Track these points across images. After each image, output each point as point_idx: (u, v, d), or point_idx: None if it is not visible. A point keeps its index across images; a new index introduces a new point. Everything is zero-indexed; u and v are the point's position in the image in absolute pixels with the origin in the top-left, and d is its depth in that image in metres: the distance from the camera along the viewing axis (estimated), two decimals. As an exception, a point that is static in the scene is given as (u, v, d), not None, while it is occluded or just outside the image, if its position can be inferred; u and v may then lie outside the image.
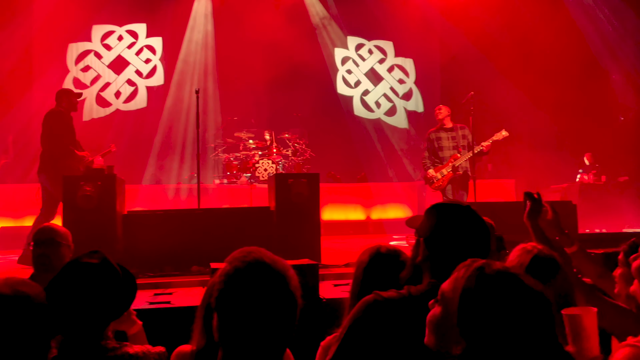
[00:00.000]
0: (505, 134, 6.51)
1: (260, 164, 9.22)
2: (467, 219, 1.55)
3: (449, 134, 6.68)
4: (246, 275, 1.26)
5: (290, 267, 1.34)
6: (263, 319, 1.24)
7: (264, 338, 1.25)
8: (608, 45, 11.00)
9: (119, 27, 11.51)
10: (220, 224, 5.06)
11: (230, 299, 1.25)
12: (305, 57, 11.28)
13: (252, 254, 1.31)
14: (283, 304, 1.27)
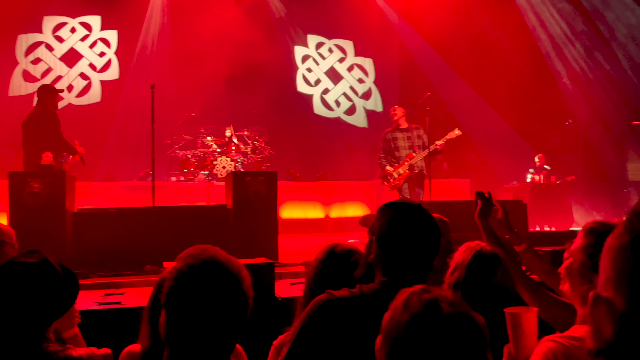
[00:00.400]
0: (458, 132, 6.65)
1: (219, 162, 9.11)
2: (418, 218, 1.56)
3: (404, 134, 6.78)
4: (199, 273, 1.24)
5: (243, 267, 1.33)
6: (213, 318, 1.22)
7: (212, 337, 1.23)
8: (557, 48, 11.39)
9: (71, 19, 11.14)
10: (175, 222, 4.96)
11: (182, 296, 1.23)
12: (266, 54, 11.20)
13: (207, 251, 1.29)
14: (234, 304, 1.25)
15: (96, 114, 10.84)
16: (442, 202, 6.57)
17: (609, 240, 0.61)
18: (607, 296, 0.59)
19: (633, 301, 0.55)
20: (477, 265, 1.96)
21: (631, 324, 0.55)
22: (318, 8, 12.29)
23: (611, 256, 0.60)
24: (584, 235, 1.52)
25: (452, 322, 1.00)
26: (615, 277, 0.58)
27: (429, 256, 1.57)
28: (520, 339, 1.57)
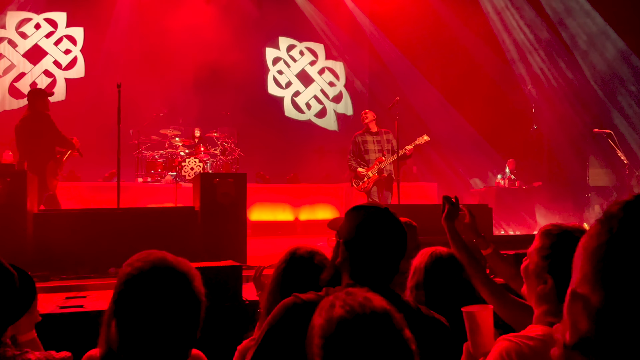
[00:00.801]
0: (426, 138, 6.78)
1: (187, 163, 8.99)
2: (386, 222, 1.57)
3: (374, 138, 6.86)
4: (149, 277, 1.22)
5: (193, 267, 1.31)
6: (165, 321, 1.20)
7: (166, 341, 1.21)
8: (522, 55, 11.67)
9: (36, 15, 10.85)
10: (142, 224, 4.87)
11: (134, 302, 1.20)
12: (236, 55, 11.14)
13: (154, 254, 1.27)
14: (186, 306, 1.24)
15: (60, 112, 10.55)
16: (410, 205, 6.65)
17: (585, 240, 0.64)
18: (583, 293, 0.62)
19: (608, 298, 0.59)
20: (435, 267, 2.00)
21: (606, 320, 0.59)
22: (290, 11, 12.29)
23: (587, 255, 0.63)
24: (540, 238, 1.57)
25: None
26: (592, 275, 0.61)
27: (395, 259, 1.58)
28: (477, 336, 1.62)
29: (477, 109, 10.93)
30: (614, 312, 0.58)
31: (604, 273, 0.60)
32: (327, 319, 1.04)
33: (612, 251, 0.59)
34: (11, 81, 10.61)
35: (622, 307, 0.57)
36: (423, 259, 2.03)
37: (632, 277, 0.57)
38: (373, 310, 1.04)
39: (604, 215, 0.63)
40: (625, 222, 0.60)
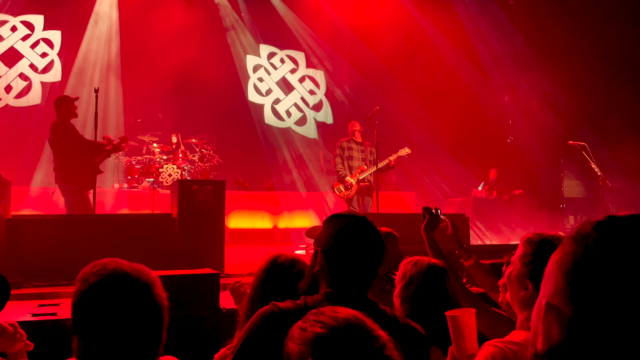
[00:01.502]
0: (408, 151, 6.96)
1: (165, 169, 8.90)
2: (364, 230, 1.58)
3: (359, 147, 7.06)
4: (106, 289, 1.19)
5: (152, 273, 1.29)
6: (129, 330, 1.18)
7: (132, 349, 1.19)
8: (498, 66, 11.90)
9: (12, 17, 10.66)
10: (117, 230, 4.80)
11: (93, 315, 1.18)
12: (216, 61, 11.11)
13: (109, 265, 1.24)
14: (148, 312, 1.22)
15: (36, 116, 10.38)
16: (389, 214, 6.69)
17: (558, 254, 0.68)
18: (557, 304, 0.65)
19: (579, 309, 0.63)
20: (431, 277, 2.02)
21: (577, 330, 0.63)
22: (271, 18, 12.33)
23: (561, 271, 0.67)
24: (522, 245, 1.62)
25: None
26: (564, 288, 0.65)
27: (373, 267, 1.60)
28: (460, 339, 1.65)
29: (455, 118, 11.08)
30: (584, 323, 0.62)
31: (577, 288, 0.64)
32: (302, 342, 1.04)
33: (586, 268, 0.64)
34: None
35: (592, 318, 0.62)
36: (419, 269, 2.04)
37: (602, 292, 0.61)
38: (345, 319, 1.04)
39: (577, 234, 0.68)
40: (599, 243, 0.64)
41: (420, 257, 2.12)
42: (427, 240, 2.50)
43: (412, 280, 2.02)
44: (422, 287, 2.00)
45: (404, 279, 2.05)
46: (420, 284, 2.00)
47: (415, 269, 2.05)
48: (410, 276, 2.03)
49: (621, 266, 0.60)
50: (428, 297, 1.98)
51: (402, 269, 2.09)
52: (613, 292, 0.60)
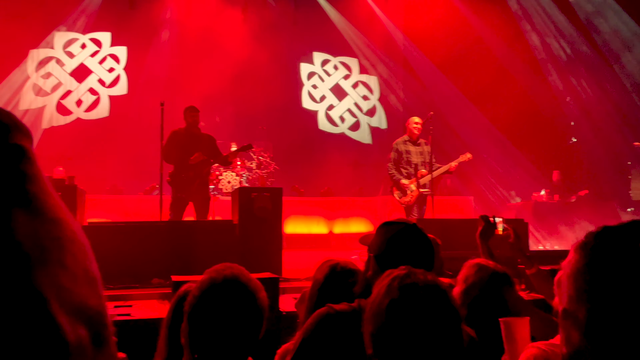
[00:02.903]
0: (469, 156, 6.62)
1: (224, 177, 9.23)
2: (413, 237, 1.66)
3: (417, 149, 6.64)
4: (221, 288, 1.35)
5: (261, 287, 1.44)
6: (231, 330, 1.33)
7: (229, 347, 1.34)
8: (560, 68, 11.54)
9: (82, 35, 11.37)
10: (183, 236, 5.06)
11: (203, 308, 1.34)
12: (271, 70, 11.40)
13: (230, 269, 1.40)
14: (251, 320, 1.37)
15: (104, 129, 11.02)
16: (444, 220, 6.60)
17: (567, 265, 0.74)
18: (572, 310, 0.71)
19: (592, 314, 0.68)
20: (494, 283, 2.01)
21: (593, 333, 0.68)
22: (324, 26, 12.51)
23: (571, 278, 0.73)
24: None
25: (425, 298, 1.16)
26: (576, 295, 0.71)
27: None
28: (513, 346, 1.67)
29: (512, 120, 10.84)
30: (598, 325, 0.68)
31: (586, 293, 0.69)
32: (389, 284, 1.18)
33: (590, 274, 0.70)
34: (58, 99, 11.13)
35: (604, 320, 0.67)
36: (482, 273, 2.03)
37: (609, 294, 0.67)
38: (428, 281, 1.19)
39: (579, 245, 0.73)
40: (597, 250, 0.70)
41: (485, 262, 2.11)
42: (481, 247, 2.53)
43: (475, 285, 2.01)
44: (484, 293, 1.99)
45: (466, 282, 2.04)
46: (482, 290, 1.99)
47: (479, 273, 2.03)
48: (473, 281, 2.02)
49: (619, 268, 0.66)
50: (488, 303, 1.96)
51: (465, 272, 2.08)
52: (616, 293, 0.65)
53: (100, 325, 0.38)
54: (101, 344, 0.37)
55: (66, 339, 0.34)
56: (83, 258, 0.39)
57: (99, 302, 0.39)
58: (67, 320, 0.35)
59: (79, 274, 0.38)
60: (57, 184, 4.96)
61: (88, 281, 0.38)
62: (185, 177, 6.04)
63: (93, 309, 0.37)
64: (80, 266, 0.38)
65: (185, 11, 11.72)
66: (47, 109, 10.98)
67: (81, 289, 0.37)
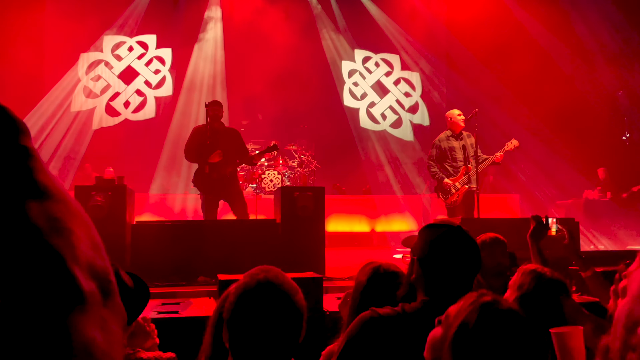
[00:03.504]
0: (515, 143, 6.31)
1: (267, 175, 9.33)
2: (457, 239, 1.64)
3: (460, 143, 6.35)
4: (255, 294, 1.37)
5: (298, 288, 1.45)
6: (269, 334, 1.35)
7: (269, 351, 1.36)
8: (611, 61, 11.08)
9: (129, 38, 11.71)
10: (227, 235, 5.16)
11: (239, 314, 1.37)
12: (313, 69, 11.44)
13: (264, 273, 1.42)
14: (288, 322, 1.38)
15: (151, 129, 11.34)
16: (490, 219, 6.45)
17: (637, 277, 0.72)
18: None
19: None
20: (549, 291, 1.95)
21: None
22: (365, 23, 12.46)
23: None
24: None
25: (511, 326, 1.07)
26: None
27: (469, 276, 1.64)
28: (569, 358, 1.58)
29: (560, 115, 10.51)
30: None
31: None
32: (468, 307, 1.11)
33: None
34: (107, 100, 11.51)
35: None
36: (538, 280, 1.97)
37: None
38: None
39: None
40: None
41: (541, 269, 2.04)
42: (532, 248, 2.47)
43: (530, 293, 1.95)
44: (540, 301, 1.93)
45: (521, 289, 1.98)
46: (539, 298, 1.93)
47: (534, 281, 1.97)
48: (528, 289, 1.97)
49: None
50: (544, 312, 1.90)
51: (521, 279, 2.01)
52: None
53: (106, 281, 0.46)
54: (108, 295, 0.45)
55: (82, 288, 0.42)
56: (87, 228, 0.47)
57: (104, 263, 0.47)
58: (81, 274, 0.43)
59: (85, 240, 0.45)
60: (107, 184, 5.14)
61: (94, 246, 0.46)
62: (208, 177, 5.88)
63: (100, 267, 0.46)
64: (86, 234, 0.46)
65: (227, 12, 11.90)
66: (97, 110, 11.38)
67: (89, 252, 0.45)
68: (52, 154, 10.41)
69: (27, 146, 0.48)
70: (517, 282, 2.02)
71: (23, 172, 0.45)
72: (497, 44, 10.99)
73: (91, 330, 0.41)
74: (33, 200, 0.44)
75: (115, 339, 0.44)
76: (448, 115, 6.57)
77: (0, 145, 0.46)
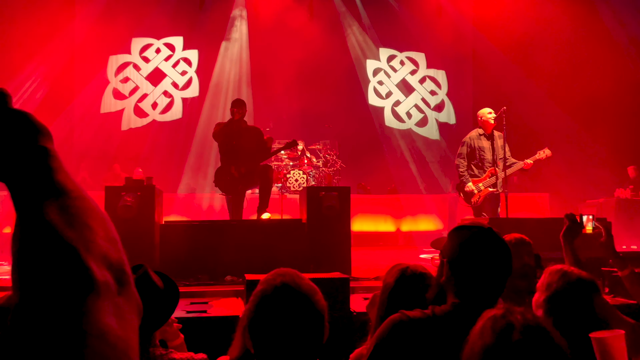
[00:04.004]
0: (548, 152, 6.14)
1: (292, 175, 9.36)
2: (487, 241, 1.61)
3: (489, 144, 6.24)
4: (272, 300, 1.38)
5: (317, 289, 1.45)
6: (291, 338, 1.35)
7: (293, 354, 1.36)
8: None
9: (157, 40, 11.88)
10: (253, 234, 5.20)
11: (259, 320, 1.37)
12: (337, 68, 11.43)
13: (281, 277, 1.42)
14: (309, 324, 1.38)
15: (178, 130, 11.49)
16: (517, 219, 6.34)
17: None
18: None
19: None
20: (580, 292, 1.89)
21: None
22: (390, 21, 12.39)
23: None
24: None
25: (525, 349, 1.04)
26: None
27: (500, 279, 1.62)
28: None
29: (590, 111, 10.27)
30: None
31: None
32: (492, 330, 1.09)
33: None
34: (136, 102, 11.70)
35: None
36: (566, 280, 1.91)
37: None
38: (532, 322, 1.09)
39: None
40: None
41: (568, 268, 2.00)
42: (565, 248, 2.41)
43: (559, 292, 1.90)
44: (570, 301, 1.88)
45: (549, 290, 1.93)
46: (568, 298, 1.88)
47: (563, 280, 1.92)
48: (557, 289, 1.91)
49: None
50: (574, 313, 1.86)
51: (548, 279, 1.97)
52: None
53: (121, 271, 0.48)
54: (123, 284, 0.48)
55: (95, 277, 0.44)
56: (103, 222, 0.49)
57: (119, 255, 0.49)
58: (95, 265, 0.45)
59: (100, 233, 0.48)
60: (136, 184, 5.23)
61: (109, 239, 0.49)
62: (230, 179, 5.95)
63: (114, 259, 0.48)
64: (101, 228, 0.49)
65: (252, 12, 11.98)
66: (126, 112, 11.58)
67: (104, 244, 0.48)
68: (82, 155, 10.63)
69: (46, 147, 0.51)
70: (544, 282, 1.97)
71: (42, 171, 0.48)
72: (525, 40, 10.81)
73: (105, 317, 0.44)
74: (50, 198, 0.47)
75: (130, 326, 0.47)
76: (478, 114, 6.48)
77: (22, 146, 0.49)
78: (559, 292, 1.89)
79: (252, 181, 6.13)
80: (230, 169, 5.97)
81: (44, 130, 0.52)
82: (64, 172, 0.50)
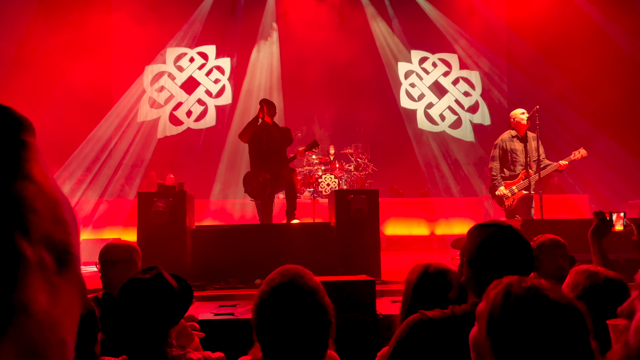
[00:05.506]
0: (584, 152, 5.92)
1: (323, 179, 9.36)
2: (507, 240, 1.57)
3: (522, 146, 6.06)
4: (271, 301, 1.37)
5: (320, 286, 1.43)
6: (296, 334, 1.34)
7: (299, 351, 1.35)
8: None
9: (190, 49, 12.13)
10: (282, 238, 5.22)
11: (262, 323, 1.37)
12: (368, 72, 11.41)
13: (280, 277, 1.41)
14: (312, 321, 1.37)
15: (211, 137, 11.68)
16: (554, 220, 6.16)
17: None
18: None
19: None
20: (607, 292, 1.84)
21: None
22: (421, 23, 12.30)
23: None
24: None
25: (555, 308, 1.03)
26: None
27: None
28: None
29: (629, 110, 9.92)
30: None
31: None
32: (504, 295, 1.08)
33: None
34: (171, 110, 11.96)
35: None
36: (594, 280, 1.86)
37: None
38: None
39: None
40: None
41: (595, 268, 1.95)
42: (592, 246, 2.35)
43: (585, 293, 1.85)
44: (596, 302, 1.85)
45: (576, 290, 1.89)
46: (595, 299, 1.85)
47: (590, 280, 1.88)
48: (584, 288, 1.87)
49: None
50: (601, 314, 1.82)
51: (574, 279, 1.93)
52: None
53: (64, 252, 0.49)
54: (64, 264, 0.49)
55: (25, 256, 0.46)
56: (53, 206, 0.51)
57: (65, 237, 0.51)
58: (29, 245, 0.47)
59: (46, 216, 0.49)
60: (168, 190, 5.33)
61: (56, 222, 0.50)
62: (257, 185, 5.95)
63: (58, 240, 0.49)
64: (49, 211, 0.50)
65: (282, 19, 12.09)
66: (161, 120, 11.85)
67: (48, 226, 0.49)
68: (119, 162, 10.93)
69: (24, 139, 0.53)
70: (570, 283, 1.92)
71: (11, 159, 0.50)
72: (559, 38, 10.55)
73: (34, 292, 0.45)
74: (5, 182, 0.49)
75: (66, 304, 0.48)
76: (511, 115, 6.31)
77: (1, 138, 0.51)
78: (585, 292, 1.83)
79: (278, 185, 6.15)
80: (259, 175, 6.01)
81: (27, 124, 0.54)
82: (34, 162, 0.52)
